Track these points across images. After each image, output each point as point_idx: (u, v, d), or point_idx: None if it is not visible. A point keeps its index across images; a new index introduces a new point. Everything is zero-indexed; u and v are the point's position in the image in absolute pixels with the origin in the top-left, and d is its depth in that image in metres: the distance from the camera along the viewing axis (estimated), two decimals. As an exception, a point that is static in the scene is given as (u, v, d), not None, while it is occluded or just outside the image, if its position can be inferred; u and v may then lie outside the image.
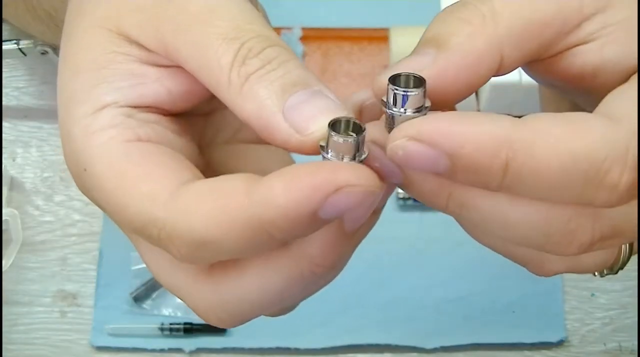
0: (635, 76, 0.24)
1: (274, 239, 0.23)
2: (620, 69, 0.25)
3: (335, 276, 0.29)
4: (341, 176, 0.22)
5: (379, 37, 0.65)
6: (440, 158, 0.22)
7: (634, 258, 0.59)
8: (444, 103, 0.25)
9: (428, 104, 0.25)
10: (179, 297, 0.28)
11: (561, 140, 0.22)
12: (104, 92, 0.26)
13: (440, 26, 0.25)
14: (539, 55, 0.26)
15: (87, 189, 0.27)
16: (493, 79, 0.26)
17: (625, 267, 0.60)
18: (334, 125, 0.24)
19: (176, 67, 0.27)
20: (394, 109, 0.24)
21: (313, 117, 0.24)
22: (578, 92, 0.28)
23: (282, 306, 0.29)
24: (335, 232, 0.25)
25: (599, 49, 0.25)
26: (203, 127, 0.31)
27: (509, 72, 0.26)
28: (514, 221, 0.24)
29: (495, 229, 0.25)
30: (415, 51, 0.26)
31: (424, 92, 0.24)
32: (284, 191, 0.22)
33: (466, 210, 0.25)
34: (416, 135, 0.23)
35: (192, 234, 0.24)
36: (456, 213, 0.25)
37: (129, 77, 0.26)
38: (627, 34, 0.25)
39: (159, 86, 0.27)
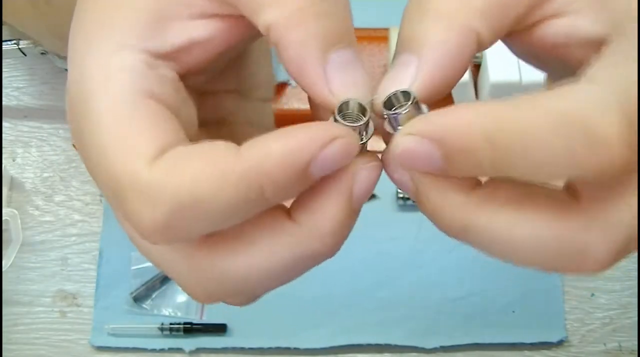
0: (607, 48, 0.25)
1: (263, 198, 0.23)
2: (589, 40, 0.26)
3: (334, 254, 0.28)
4: (336, 130, 0.24)
5: (379, 37, 0.65)
6: (432, 149, 0.23)
7: (634, 258, 0.59)
8: (439, 96, 0.26)
9: (425, 110, 0.25)
10: (168, 274, 0.27)
11: (545, 101, 0.22)
12: (126, 31, 0.26)
13: (414, 25, 0.26)
14: (513, 28, 0.27)
15: (80, 129, 0.25)
16: (493, 78, 0.26)
17: (625, 267, 0.60)
18: (341, 106, 0.25)
19: (206, 18, 0.27)
20: (396, 130, 0.26)
21: (346, 86, 0.26)
22: (554, 65, 0.29)
23: (283, 283, 0.28)
24: (346, 210, 0.25)
25: (570, 21, 0.26)
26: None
27: (489, 47, 0.27)
28: (521, 240, 0.24)
29: (505, 252, 0.25)
30: (396, 60, 0.27)
31: (416, 104, 0.25)
32: (281, 142, 0.23)
33: (473, 234, 0.25)
34: (409, 131, 0.24)
35: (179, 193, 0.23)
36: (465, 237, 0.26)
37: (156, 20, 0.26)
38: (592, 6, 0.26)
39: (183, 32, 0.26)
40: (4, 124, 0.65)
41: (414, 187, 0.26)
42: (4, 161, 0.63)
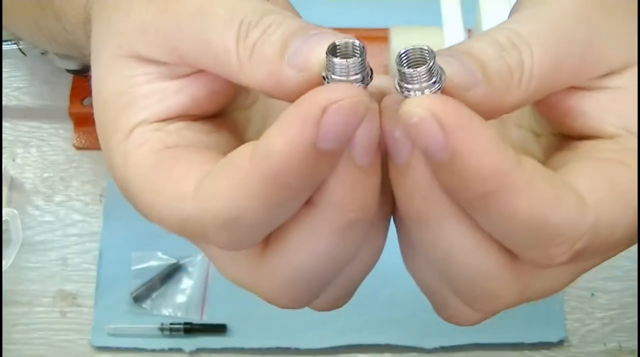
0: (606, 163, 0.26)
1: (293, 190, 0.23)
2: (597, 131, 0.27)
3: (385, 221, 0.29)
4: (321, 96, 0.22)
5: (379, 37, 0.65)
6: (445, 148, 0.22)
7: (634, 258, 0.59)
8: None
9: (443, 76, 0.24)
10: (251, 291, 0.28)
11: (540, 203, 0.23)
12: (131, 115, 0.27)
13: (487, 49, 0.25)
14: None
15: (140, 211, 0.28)
16: None
17: (625, 267, 0.60)
18: (333, 50, 0.23)
19: (195, 73, 0.27)
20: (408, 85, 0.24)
21: (310, 51, 0.24)
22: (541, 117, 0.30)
23: (339, 270, 0.28)
24: (349, 170, 0.24)
25: (601, 103, 0.27)
26: (246, 119, 0.32)
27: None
28: (462, 251, 0.26)
29: (442, 254, 0.27)
30: (460, 59, 0.25)
31: (434, 66, 0.24)
32: (278, 136, 0.22)
33: (427, 225, 0.26)
34: (437, 115, 0.22)
35: (219, 217, 0.24)
36: (417, 223, 0.26)
37: (151, 95, 0.27)
38: (627, 101, 0.26)
39: (182, 95, 0.28)
40: (4, 124, 0.65)
41: (409, 152, 0.24)
42: (4, 161, 0.63)
